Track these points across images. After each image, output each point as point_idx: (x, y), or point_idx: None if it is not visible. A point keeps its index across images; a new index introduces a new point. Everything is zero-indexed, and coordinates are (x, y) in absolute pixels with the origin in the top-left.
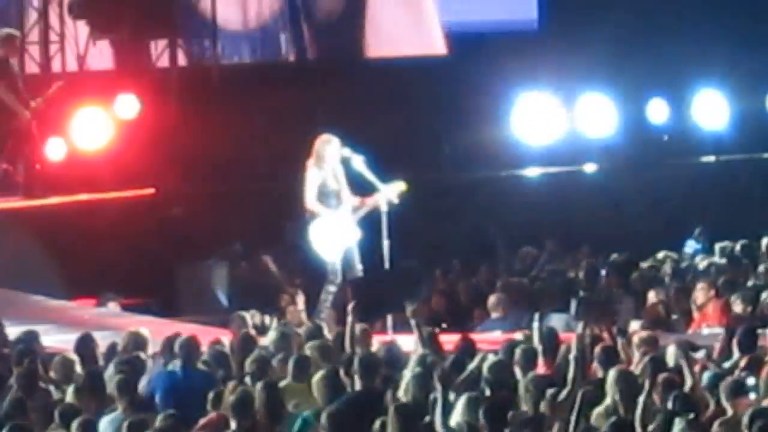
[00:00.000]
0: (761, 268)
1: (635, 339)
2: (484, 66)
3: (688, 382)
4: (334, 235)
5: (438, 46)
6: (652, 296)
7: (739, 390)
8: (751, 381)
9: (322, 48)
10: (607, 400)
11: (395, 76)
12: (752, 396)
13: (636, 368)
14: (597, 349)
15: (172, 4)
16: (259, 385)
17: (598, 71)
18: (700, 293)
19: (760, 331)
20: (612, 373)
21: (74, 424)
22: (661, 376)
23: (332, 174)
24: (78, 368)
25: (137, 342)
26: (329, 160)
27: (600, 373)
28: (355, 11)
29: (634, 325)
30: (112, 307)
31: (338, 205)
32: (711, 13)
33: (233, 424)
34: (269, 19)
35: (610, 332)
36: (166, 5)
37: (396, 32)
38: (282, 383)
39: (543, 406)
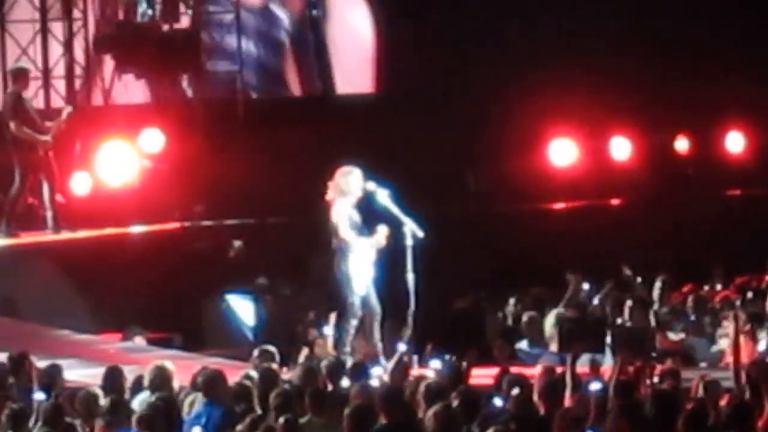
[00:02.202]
0: None
1: (657, 372)
2: (510, 99)
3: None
4: (363, 267)
5: None
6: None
7: None
8: None
9: (345, 82)
10: None
11: (418, 109)
12: None
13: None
14: (614, 384)
15: (197, 38)
16: (280, 420)
17: (626, 105)
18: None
19: None
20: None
21: None
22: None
23: (356, 206)
24: (102, 402)
25: (163, 376)
26: (354, 191)
27: None
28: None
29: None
30: (139, 341)
31: (362, 238)
32: (737, 48)
33: None
34: (294, 53)
35: (645, 366)
36: (191, 39)
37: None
38: (303, 418)
39: None
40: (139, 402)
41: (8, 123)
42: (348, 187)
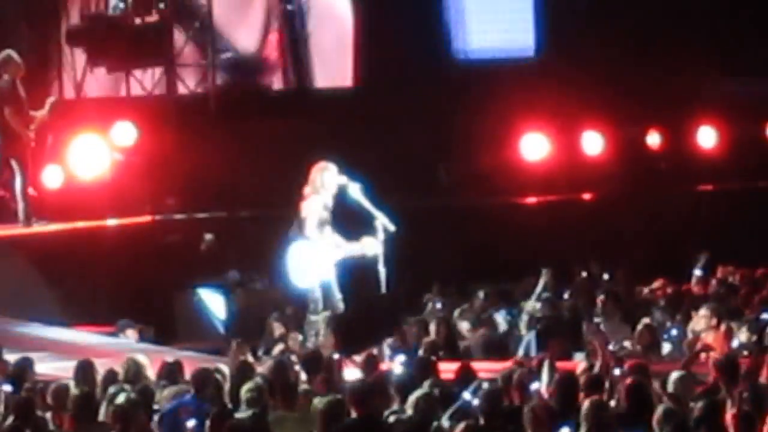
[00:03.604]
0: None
1: (626, 367)
2: (482, 92)
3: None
4: (310, 262)
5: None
6: (645, 322)
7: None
8: None
9: (317, 76)
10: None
11: (389, 103)
12: None
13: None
14: (582, 378)
15: (169, 31)
16: (248, 413)
17: (597, 99)
18: (702, 320)
19: None
20: (586, 404)
21: None
22: (662, 407)
23: (328, 202)
24: (73, 395)
25: (137, 369)
26: (328, 187)
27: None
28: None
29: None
30: (130, 334)
31: (326, 234)
32: (709, 43)
33: None
34: (267, 47)
35: (615, 361)
36: (163, 33)
37: None
38: (275, 413)
39: None
40: (112, 395)
41: (3, 109)
42: (323, 184)
